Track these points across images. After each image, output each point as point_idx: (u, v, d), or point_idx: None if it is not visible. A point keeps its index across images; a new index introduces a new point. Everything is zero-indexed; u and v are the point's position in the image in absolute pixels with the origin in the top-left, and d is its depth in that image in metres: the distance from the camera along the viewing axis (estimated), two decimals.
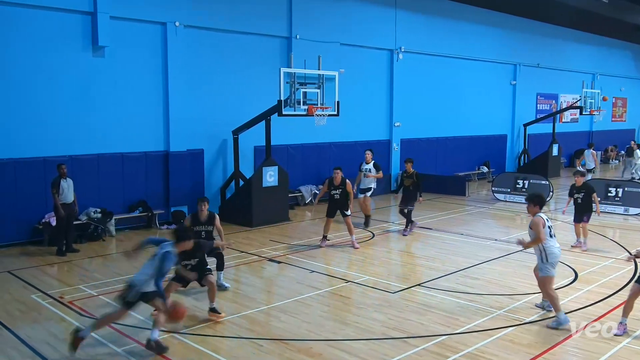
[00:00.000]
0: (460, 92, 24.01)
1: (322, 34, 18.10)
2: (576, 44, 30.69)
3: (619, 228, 15.04)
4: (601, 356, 6.91)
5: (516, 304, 8.81)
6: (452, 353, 7.01)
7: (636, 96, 38.06)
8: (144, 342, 7.25)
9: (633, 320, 8.16)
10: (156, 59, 14.84)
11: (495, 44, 25.33)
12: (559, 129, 27.69)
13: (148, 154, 14.92)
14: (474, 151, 25.38)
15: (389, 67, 21.09)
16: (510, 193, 19.46)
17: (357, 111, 19.40)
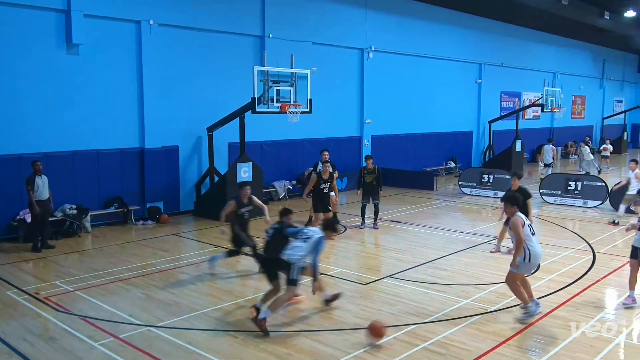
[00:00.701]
0: (428, 90, 24.21)
1: (295, 33, 18.06)
2: (538, 44, 31.20)
3: (578, 220, 15.37)
4: (562, 342, 7.07)
5: (482, 294, 8.95)
6: (421, 341, 7.09)
7: (594, 94, 38.91)
8: (120, 335, 7.18)
9: (591, 307, 8.38)
10: (131, 57, 14.62)
11: (461, 44, 25.59)
12: (522, 126, 28.12)
13: (123, 150, 14.71)
14: (442, 147, 25.64)
15: (360, 65, 21.15)
16: (476, 187, 19.74)
17: (329, 108, 19.42)
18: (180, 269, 10.50)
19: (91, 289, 9.24)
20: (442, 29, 24.30)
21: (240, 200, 9.97)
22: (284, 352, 6.79)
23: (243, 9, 16.92)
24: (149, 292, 9.11)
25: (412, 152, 23.69)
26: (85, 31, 13.42)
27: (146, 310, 8.29)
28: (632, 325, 7.76)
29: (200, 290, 9.27)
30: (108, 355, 6.69)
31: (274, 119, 16.23)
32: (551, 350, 6.82)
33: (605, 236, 13.19)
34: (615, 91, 41.90)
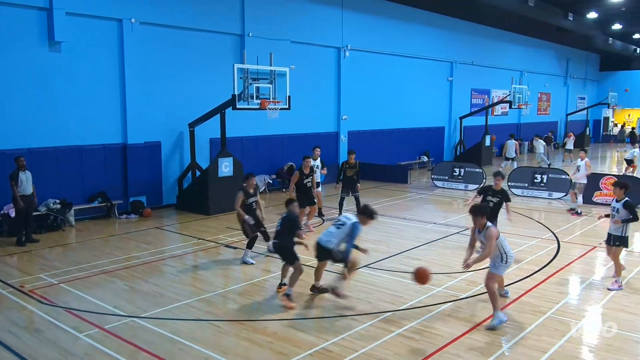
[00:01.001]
0: (402, 87, 24.33)
1: (274, 32, 17.97)
2: (506, 44, 31.55)
3: (543, 211, 15.63)
4: (529, 326, 7.20)
5: (453, 282, 9.05)
6: (396, 328, 7.15)
7: (559, 91, 39.53)
8: (105, 326, 7.11)
9: (556, 293, 8.54)
10: (113, 55, 14.39)
11: (433, 43, 25.76)
12: (491, 122, 28.49)
13: (106, 146, 14.49)
14: (415, 142, 25.82)
15: (337, 63, 21.15)
16: (448, 180, 19.94)
17: (307, 105, 19.40)
18: (163, 261, 10.42)
19: (76, 281, 9.11)
20: (415, 29, 24.43)
21: (247, 191, 10.21)
22: (265, 340, 6.79)
23: (223, 8, 16.77)
24: (132, 284, 9.03)
25: (387, 147, 23.80)
26: (67, 29, 13.17)
27: (130, 301, 8.21)
28: (594, 308, 7.93)
29: (182, 282, 9.21)
30: (93, 346, 6.61)
31: (253, 115, 16.14)
32: (519, 334, 6.94)
33: (569, 226, 13.44)
34: (578, 89, 42.62)
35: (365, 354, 6.39)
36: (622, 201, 8.81)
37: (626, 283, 8.99)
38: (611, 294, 8.48)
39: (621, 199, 8.84)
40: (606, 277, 9.29)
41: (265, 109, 14.19)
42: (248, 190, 10.24)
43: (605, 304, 8.09)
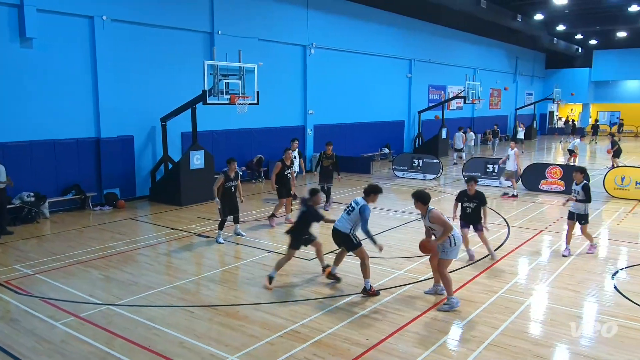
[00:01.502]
0: (365, 83, 24.43)
1: (242, 30, 17.77)
2: (461, 43, 31.98)
3: (495, 198, 15.96)
4: (482, 304, 7.38)
5: (413, 265, 9.19)
6: (360, 309, 7.23)
7: (509, 87, 40.33)
8: (80, 314, 6.97)
9: (507, 274, 8.76)
10: (85, 51, 13.99)
11: (393, 42, 25.91)
12: (447, 116, 28.88)
13: (79, 140, 14.11)
14: (377, 135, 26.00)
15: (303, 60, 21.07)
16: (408, 170, 20.17)
17: (275, 100, 19.31)
18: (137, 251, 10.24)
19: (51, 272, 8.88)
20: (377, 29, 24.52)
21: (228, 175, 10.40)
22: (237, 324, 6.77)
23: (193, 6, 16.47)
24: (107, 273, 8.85)
25: (350, 140, 23.90)
26: (38, 25, 12.73)
27: (106, 290, 8.05)
28: (540, 287, 8.18)
29: (157, 270, 9.08)
30: (69, 334, 6.47)
31: (223, 110, 16.00)
32: (473, 312, 7.11)
33: (519, 211, 13.78)
34: (526, 85, 43.62)
35: (332, 334, 6.44)
36: (581, 184, 9.55)
37: (569, 263, 9.30)
38: (556, 273, 8.76)
39: (580, 182, 9.60)
40: (553, 258, 9.60)
41: (235, 103, 14.06)
42: (229, 174, 10.44)
43: (550, 283, 8.34)
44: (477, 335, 6.44)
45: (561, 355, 6.09)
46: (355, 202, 7.91)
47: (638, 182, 15.54)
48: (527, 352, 6.01)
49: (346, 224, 7.82)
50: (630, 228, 12.27)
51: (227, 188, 10.45)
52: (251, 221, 12.62)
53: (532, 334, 6.59)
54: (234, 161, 10.68)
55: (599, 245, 10.43)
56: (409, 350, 6.05)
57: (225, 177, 10.42)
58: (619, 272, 8.98)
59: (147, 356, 5.92)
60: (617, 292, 7.98)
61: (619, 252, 10.30)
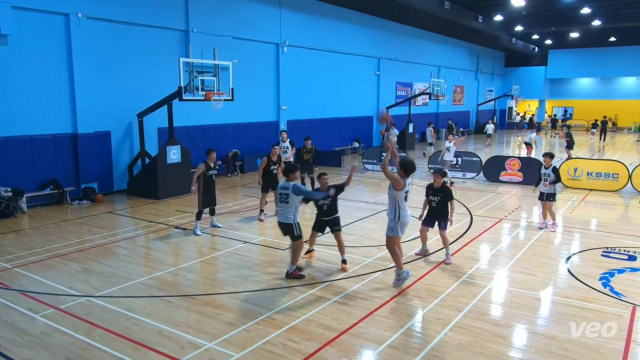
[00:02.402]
0: (336, 80, 24.43)
1: (217, 28, 17.54)
2: (426, 42, 32.25)
3: (459, 189, 16.21)
4: (447, 289, 7.51)
5: (382, 253, 9.23)
6: (333, 295, 7.27)
7: (471, 85, 40.95)
8: (60, 306, 6.82)
9: (469, 260, 8.93)
10: (61, 48, 13.58)
11: (363, 41, 25.97)
12: (414, 111, 29.14)
13: (56, 136, 13.74)
14: (348, 129, 26.07)
15: (276, 58, 20.93)
16: (377, 164, 20.27)
17: (249, 96, 19.16)
18: (116, 244, 10.05)
19: (30, 265, 8.65)
20: (347, 28, 24.52)
21: (208, 164, 10.46)
22: (215, 312, 6.73)
23: (168, 4, 16.16)
24: (87, 265, 8.67)
25: (322, 135, 23.89)
26: (13, 22, 12.28)
27: (85, 282, 7.88)
28: (501, 271, 8.36)
29: (135, 262, 8.94)
30: (49, 325, 6.32)
31: (199, 106, 15.80)
32: (438, 297, 7.23)
33: (481, 201, 14.04)
34: (487, 82, 44.32)
35: (306, 320, 6.46)
36: (550, 167, 10.73)
37: (527, 249, 9.54)
38: (515, 258, 8.97)
39: (549, 166, 10.76)
40: (513, 244, 9.83)
41: (210, 100, 13.91)
42: (209, 163, 10.49)
43: (510, 268, 8.54)
44: (442, 318, 6.56)
45: (520, 334, 6.25)
46: (283, 187, 7.84)
47: (589, 173, 16.01)
48: (488, 333, 6.15)
49: (287, 213, 7.80)
50: (582, 215, 12.65)
51: (209, 177, 10.45)
52: (227, 213, 12.52)
53: (493, 315, 6.75)
54: (213, 151, 10.69)
55: (554, 232, 10.73)
56: (379, 334, 6.13)
57: (206, 166, 10.44)
58: (572, 256, 9.25)
59: (126, 345, 5.84)
60: (570, 275, 8.23)
61: (572, 238, 10.60)
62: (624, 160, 16.89)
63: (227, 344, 5.86)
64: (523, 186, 16.13)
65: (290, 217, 7.78)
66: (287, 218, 7.81)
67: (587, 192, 15.52)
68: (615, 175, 15.66)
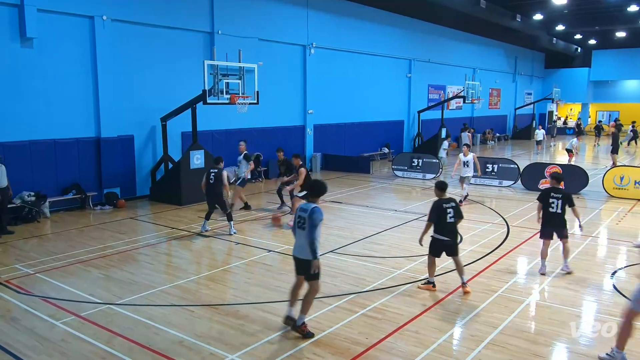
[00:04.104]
0: (364, 83, 24.42)
1: (242, 30, 17.76)
2: (460, 43, 31.96)
3: (495, 198, 15.96)
4: (481, 304, 7.36)
5: (413, 264, 9.17)
6: (360, 308, 7.22)
7: (508, 87, 40.34)
8: (81, 314, 6.95)
9: (506, 273, 8.73)
10: (85, 51, 13.98)
11: (393, 42, 25.90)
12: (447, 115, 28.84)
13: (80, 139, 14.10)
14: (377, 134, 25.99)
15: (302, 60, 21.06)
16: (407, 170, 20.15)
17: (275, 100, 19.31)
18: (137, 250, 10.23)
19: (52, 271, 8.87)
20: (376, 28, 24.50)
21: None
22: (237, 323, 6.76)
23: (193, 6, 16.47)
24: (108, 272, 8.84)
25: (350, 139, 23.89)
26: (38, 25, 12.72)
27: (106, 289, 8.04)
28: (540, 287, 8.17)
29: (157, 269, 9.07)
30: (69, 333, 6.46)
31: (224, 110, 15.99)
32: (472, 312, 7.10)
33: (518, 211, 13.77)
34: (525, 84, 43.59)
35: (332, 333, 6.43)
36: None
37: (569, 262, 9.29)
38: (555, 272, 8.74)
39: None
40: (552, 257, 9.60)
41: (235, 103, 14.06)
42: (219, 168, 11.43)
43: (549, 282, 8.33)
44: (477, 334, 6.44)
45: (560, 354, 6.08)
46: (303, 208, 6.37)
47: (637, 182, 15.53)
48: (525, 351, 6.00)
49: (305, 245, 6.25)
50: (629, 227, 12.26)
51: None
52: (252, 220, 12.60)
53: (531, 332, 6.58)
54: (221, 160, 11.69)
55: (598, 245, 10.41)
56: (409, 349, 6.05)
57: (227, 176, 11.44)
58: (618, 271, 8.97)
59: (147, 355, 5.92)
60: (616, 291, 7.98)
61: (618, 252, 10.29)
62: None
63: (250, 357, 5.87)
64: None
65: (308, 251, 6.20)
66: (304, 251, 6.28)
67: (635, 202, 15.05)
68: None
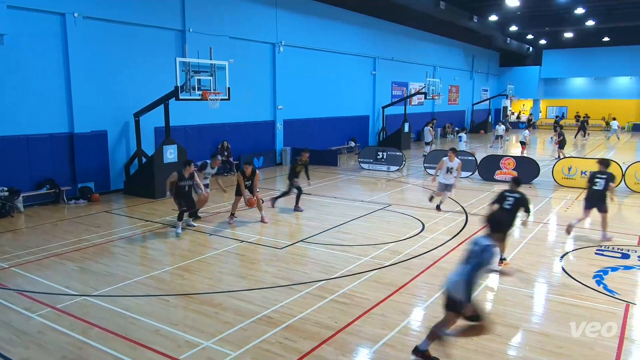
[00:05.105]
0: (332, 80, 24.41)
1: (213, 28, 17.49)
2: (421, 42, 32.25)
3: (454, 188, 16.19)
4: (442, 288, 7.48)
5: (378, 252, 9.27)
6: (329, 294, 7.27)
7: (466, 84, 40.98)
8: (57, 306, 6.79)
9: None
10: (57, 47, 13.52)
11: (359, 41, 25.95)
12: (409, 111, 29.16)
13: (53, 135, 13.68)
14: (344, 129, 26.06)
15: (272, 58, 20.89)
16: (373, 163, 20.30)
17: (246, 96, 19.12)
18: (113, 243, 10.02)
19: (27, 265, 8.61)
20: (343, 28, 24.49)
21: (182, 174, 10.54)
22: (212, 311, 6.72)
23: (164, 4, 16.10)
24: (83, 265, 8.64)
25: (318, 134, 23.89)
26: (9, 22, 12.16)
27: (81, 281, 7.86)
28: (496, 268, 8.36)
29: (132, 261, 8.92)
30: (45, 325, 6.29)
31: (196, 105, 15.77)
32: (435, 295, 7.23)
33: (475, 200, 14.06)
34: (482, 82, 44.36)
35: (303, 319, 6.46)
36: None
37: (522, 247, 9.56)
38: (510, 256, 8.97)
39: None
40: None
41: (207, 99, 13.88)
42: (184, 174, 10.58)
43: (504, 266, 8.55)
44: (438, 316, 6.53)
45: (515, 332, 6.26)
46: (476, 242, 5.22)
47: (583, 172, 16.06)
48: None
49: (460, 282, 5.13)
50: (576, 214, 12.66)
51: (181, 187, 10.59)
52: (225, 212, 12.50)
53: (488, 313, 6.74)
54: (190, 164, 10.72)
55: (548, 231, 10.75)
56: (376, 332, 6.13)
57: (180, 176, 10.53)
58: (566, 254, 9.28)
59: (123, 344, 5.82)
60: (564, 273, 8.25)
61: (567, 237, 10.63)
62: (617, 159, 16.95)
63: (224, 343, 5.85)
64: None
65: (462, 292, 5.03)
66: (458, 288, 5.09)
67: (582, 190, 15.55)
68: None
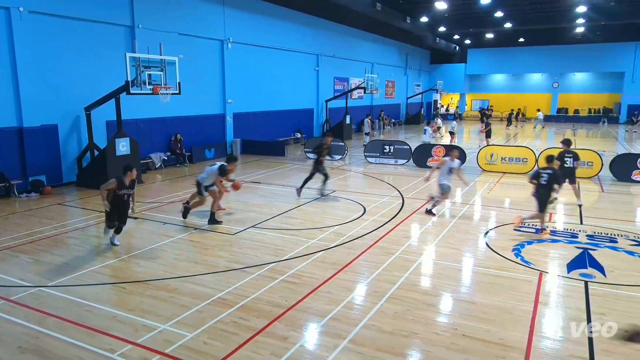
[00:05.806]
0: (278, 75, 24.19)
1: (162, 24, 16.85)
2: (360, 40, 32.53)
3: (392, 174, 16.61)
4: (382, 264, 7.70)
5: (324, 234, 9.36)
6: (280, 275, 7.28)
7: (400, 80, 41.80)
8: (11, 298, 6.40)
9: (402, 237, 9.18)
10: (2, 41, 12.58)
11: (303, 39, 25.82)
12: (350, 104, 29.41)
13: (1, 129, 12.78)
14: (290, 121, 25.96)
15: (221, 54, 20.43)
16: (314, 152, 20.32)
17: (196, 90, 18.62)
18: (67, 234, 9.54)
19: None
20: (288, 26, 24.28)
21: (123, 182, 8.44)
22: (167, 296, 6.56)
23: (112, 0, 15.32)
24: (37, 257, 8.18)
25: (266, 126, 23.68)
26: None
27: (36, 273, 7.44)
28: (429, 247, 8.68)
29: (87, 251, 8.53)
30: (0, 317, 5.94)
31: (147, 99, 15.18)
32: (376, 272, 7.41)
33: (410, 185, 14.45)
34: (415, 77, 45.41)
35: (256, 299, 6.44)
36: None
37: (451, 226, 9.94)
38: (441, 234, 9.32)
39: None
40: (438, 222, 10.19)
41: (158, 94, 13.40)
42: (124, 181, 8.46)
43: (437, 243, 8.88)
44: (379, 291, 6.74)
45: (446, 302, 6.53)
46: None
47: (503, 158, 16.86)
48: (419, 302, 6.39)
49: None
50: (498, 195, 13.32)
51: (120, 196, 8.44)
52: (178, 202, 12.18)
53: (423, 286, 7.00)
54: (132, 169, 8.54)
55: (474, 211, 11.22)
56: (323, 308, 6.21)
57: (119, 183, 8.38)
58: (490, 231, 9.75)
59: (80, 332, 5.59)
60: (488, 247, 8.67)
61: (490, 215, 11.16)
62: (530, 146, 17.89)
63: (181, 325, 5.74)
64: None
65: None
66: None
67: (502, 174, 16.35)
68: (524, 159, 16.58)
